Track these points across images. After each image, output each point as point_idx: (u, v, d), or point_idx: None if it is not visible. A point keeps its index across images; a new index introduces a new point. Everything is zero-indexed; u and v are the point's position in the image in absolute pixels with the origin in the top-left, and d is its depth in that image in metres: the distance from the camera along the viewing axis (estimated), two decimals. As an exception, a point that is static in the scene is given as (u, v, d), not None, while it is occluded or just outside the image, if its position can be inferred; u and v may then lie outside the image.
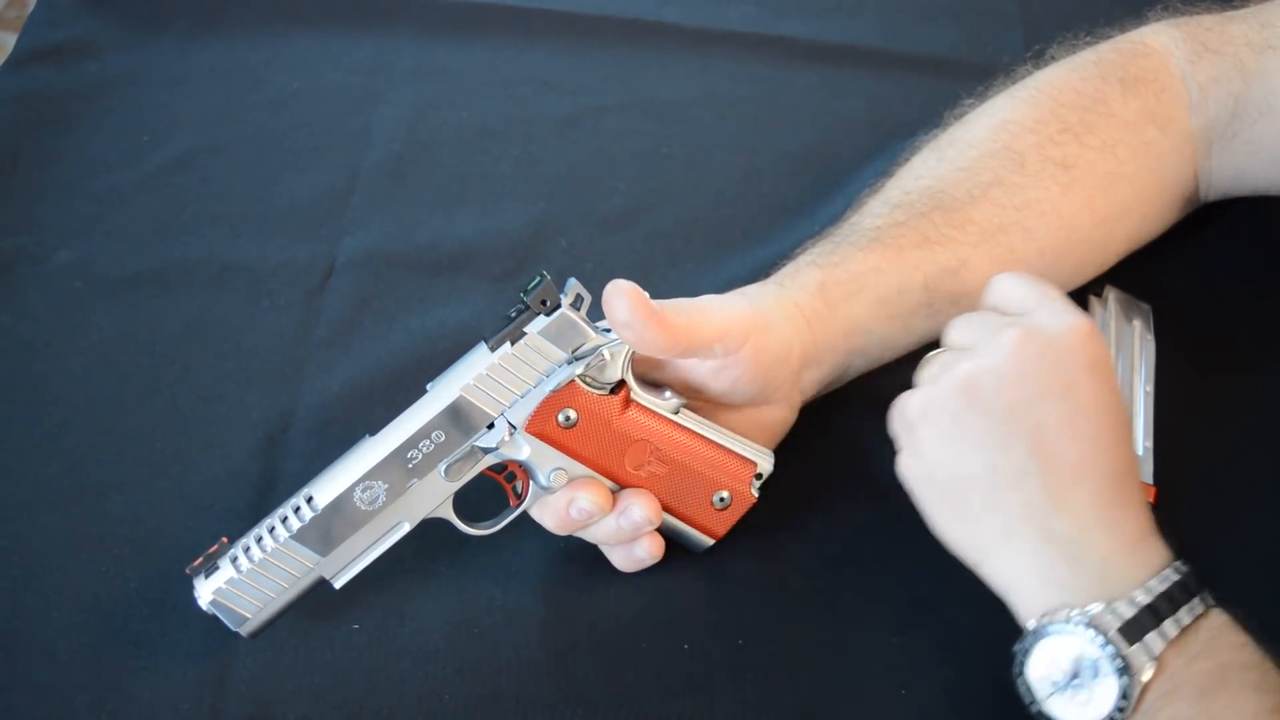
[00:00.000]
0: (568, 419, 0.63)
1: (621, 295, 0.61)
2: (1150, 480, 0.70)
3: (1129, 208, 0.77)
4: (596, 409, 0.63)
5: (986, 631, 0.59)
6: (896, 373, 0.75)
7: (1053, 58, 0.81)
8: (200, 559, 0.62)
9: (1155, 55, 0.77)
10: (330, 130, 0.91)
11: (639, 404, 0.64)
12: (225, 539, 0.63)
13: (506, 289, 0.82)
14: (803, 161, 0.90)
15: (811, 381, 0.70)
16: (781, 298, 0.68)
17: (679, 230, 0.86)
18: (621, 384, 0.64)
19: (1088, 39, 0.81)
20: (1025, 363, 0.57)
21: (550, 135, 0.92)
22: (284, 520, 0.61)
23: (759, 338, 0.65)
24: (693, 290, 0.81)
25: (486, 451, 0.63)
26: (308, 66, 0.95)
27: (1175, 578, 0.55)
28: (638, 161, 0.90)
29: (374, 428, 0.75)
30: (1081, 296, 0.79)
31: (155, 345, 0.79)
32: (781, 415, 0.69)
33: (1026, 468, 0.56)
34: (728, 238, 0.85)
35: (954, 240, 0.72)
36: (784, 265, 0.73)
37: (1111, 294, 0.79)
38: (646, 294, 0.62)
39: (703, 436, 0.65)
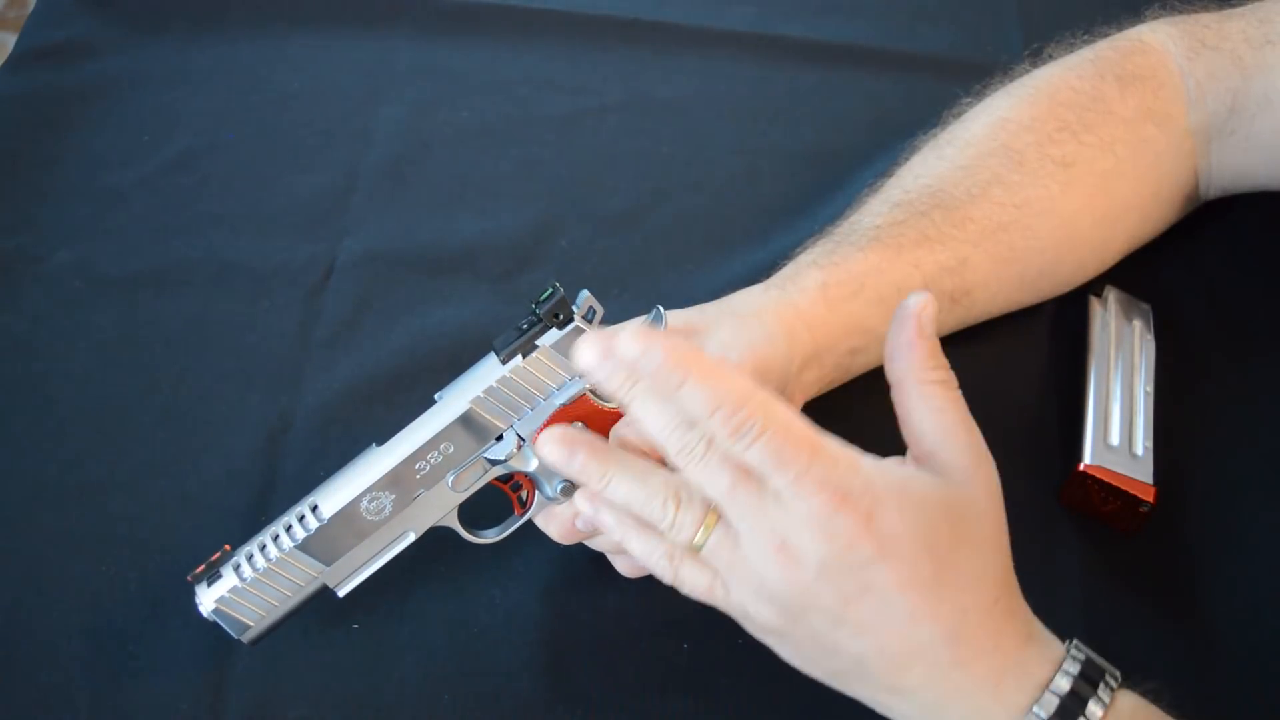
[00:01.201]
0: None
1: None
2: (1150, 480, 0.70)
3: (1129, 205, 0.77)
4: (607, 421, 0.62)
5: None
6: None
7: (1050, 56, 0.81)
8: (202, 566, 0.62)
9: (1153, 52, 0.77)
10: (330, 130, 0.91)
11: None
12: (228, 546, 0.62)
13: (506, 289, 0.82)
14: (803, 161, 0.90)
15: (812, 381, 0.70)
16: (782, 309, 0.68)
17: (679, 230, 0.86)
18: None
19: (1085, 37, 0.81)
20: (810, 599, 0.54)
21: (550, 135, 0.92)
22: (288, 529, 0.61)
23: (763, 375, 0.64)
24: (692, 290, 0.81)
25: (494, 463, 0.63)
26: (308, 66, 0.95)
27: (1065, 689, 0.53)
28: (638, 161, 0.90)
29: (375, 427, 0.75)
30: (1082, 296, 0.79)
31: (155, 345, 0.79)
32: None
33: (861, 662, 0.55)
34: (728, 238, 0.85)
35: (954, 239, 0.72)
36: (785, 265, 0.73)
37: (1112, 294, 0.79)
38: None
39: None
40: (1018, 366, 0.78)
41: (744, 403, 0.52)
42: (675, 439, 0.54)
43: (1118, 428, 0.72)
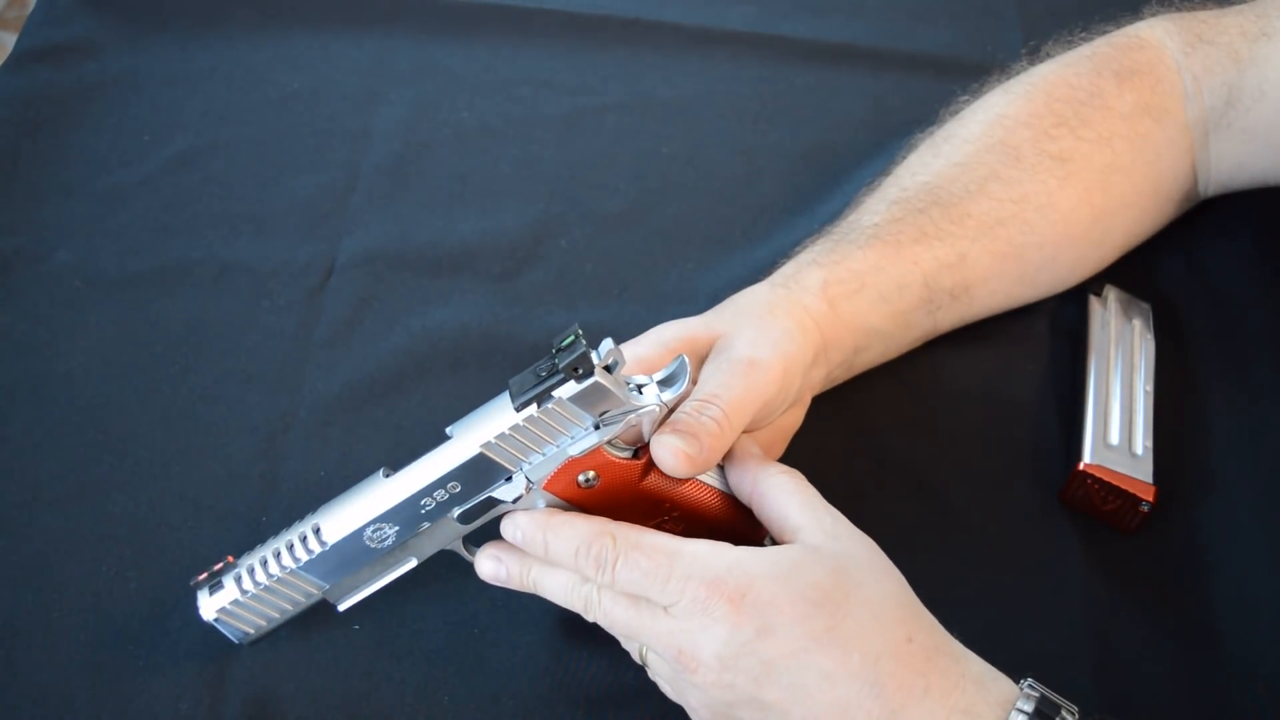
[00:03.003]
0: (587, 480, 0.60)
1: (669, 453, 0.59)
2: (1150, 480, 0.70)
3: (1127, 200, 0.77)
4: (619, 472, 0.60)
5: (1000, 615, 0.59)
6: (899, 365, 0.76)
7: (1048, 54, 0.81)
8: (205, 574, 0.62)
9: (1150, 48, 0.78)
10: (330, 130, 0.91)
11: None
12: (230, 558, 0.62)
13: (506, 289, 0.82)
14: (803, 161, 0.90)
15: (819, 378, 0.71)
16: (791, 306, 0.68)
17: (679, 230, 0.86)
18: (647, 446, 0.61)
19: (1083, 35, 0.81)
20: (725, 694, 0.55)
21: (550, 135, 0.92)
22: (290, 548, 0.61)
23: (788, 379, 0.64)
24: (693, 290, 0.81)
25: (502, 502, 0.61)
26: (308, 66, 0.95)
27: None
28: (638, 161, 0.90)
29: (375, 428, 0.75)
30: (1081, 295, 0.79)
31: (155, 345, 0.79)
32: (795, 415, 0.70)
33: None
34: (728, 237, 0.86)
35: (952, 235, 0.72)
36: (784, 264, 0.73)
37: (1111, 293, 0.79)
38: (691, 443, 0.59)
39: (724, 494, 0.63)
40: (1018, 366, 0.78)
41: (594, 537, 0.57)
42: (576, 599, 0.59)
43: (1117, 427, 0.72)
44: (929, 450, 0.75)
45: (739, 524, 0.63)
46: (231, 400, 0.76)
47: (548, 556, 0.59)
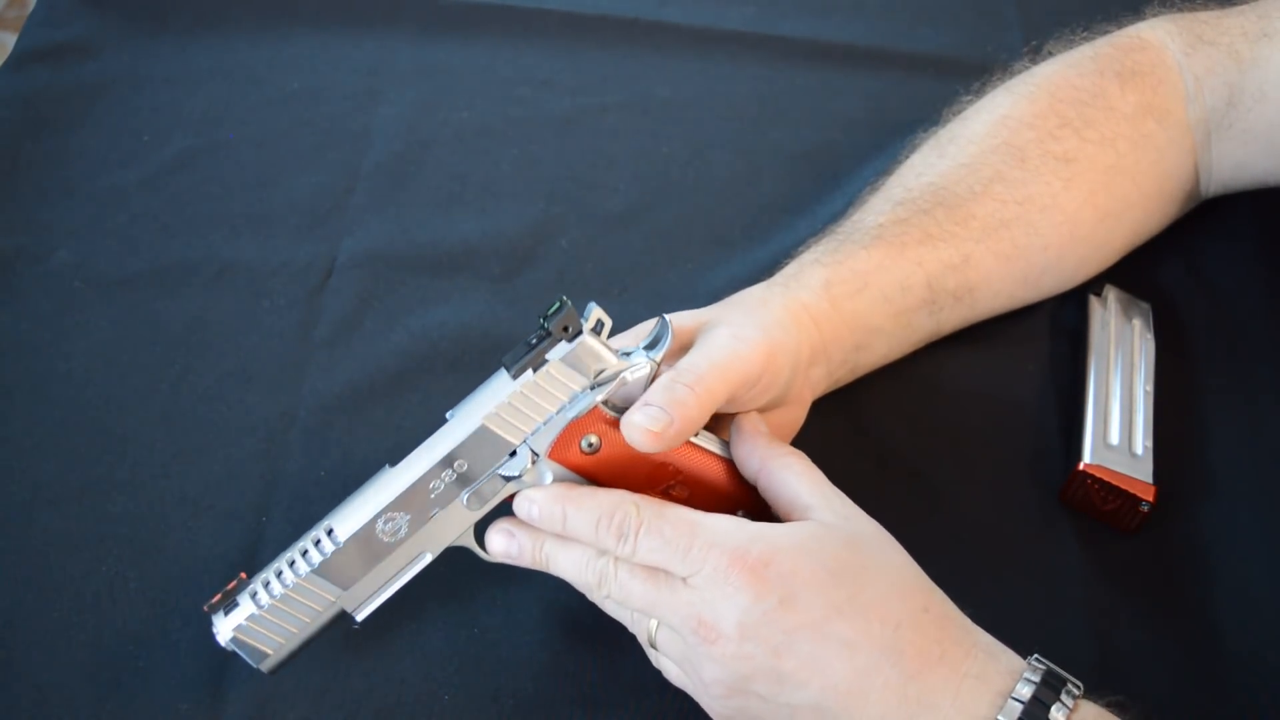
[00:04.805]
0: (590, 445, 0.61)
1: (636, 432, 0.59)
2: (1150, 480, 0.70)
3: (1131, 201, 0.77)
4: (619, 434, 0.61)
5: (1000, 615, 0.59)
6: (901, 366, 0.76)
7: (1050, 54, 0.81)
8: (219, 596, 0.61)
9: (1152, 49, 0.78)
10: (330, 130, 0.91)
11: None
12: (244, 575, 0.62)
13: (506, 289, 0.82)
14: (803, 161, 0.90)
15: (820, 378, 0.70)
16: (788, 301, 0.68)
17: (679, 230, 0.86)
18: None
19: (1084, 34, 0.81)
20: (743, 665, 0.55)
21: (550, 135, 0.92)
22: (304, 554, 0.61)
23: (774, 361, 0.64)
24: (693, 290, 0.81)
25: (509, 479, 0.62)
26: (308, 66, 0.95)
27: (1027, 696, 0.54)
28: (638, 161, 0.90)
29: (375, 428, 0.75)
30: (1081, 295, 0.79)
31: (155, 345, 0.79)
32: (794, 414, 0.70)
33: (819, 709, 0.55)
34: (728, 237, 0.86)
35: (956, 236, 0.72)
36: (787, 264, 0.73)
37: (1111, 293, 0.79)
38: (659, 416, 0.59)
39: (723, 458, 0.64)
40: (1018, 366, 0.78)
41: (615, 507, 0.58)
42: (590, 574, 0.59)
43: (1117, 427, 0.72)
44: (929, 450, 0.75)
45: (746, 491, 0.64)
46: (231, 400, 0.76)
47: (565, 529, 0.59)
